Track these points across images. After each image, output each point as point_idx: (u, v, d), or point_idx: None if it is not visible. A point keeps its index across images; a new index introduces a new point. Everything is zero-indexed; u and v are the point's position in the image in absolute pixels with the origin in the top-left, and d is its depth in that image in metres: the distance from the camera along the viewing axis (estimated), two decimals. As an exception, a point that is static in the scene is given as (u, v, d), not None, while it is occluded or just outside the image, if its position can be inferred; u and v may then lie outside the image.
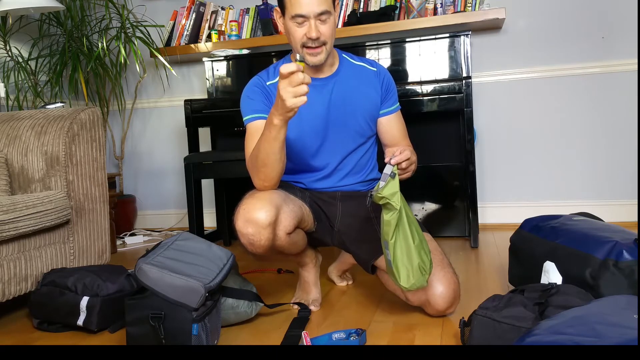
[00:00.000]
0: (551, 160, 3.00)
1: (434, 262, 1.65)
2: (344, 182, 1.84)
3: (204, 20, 3.25)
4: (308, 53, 1.66)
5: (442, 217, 2.88)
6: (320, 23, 1.63)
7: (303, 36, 1.64)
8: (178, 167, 3.49)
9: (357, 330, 1.50)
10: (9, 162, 2.07)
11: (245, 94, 1.76)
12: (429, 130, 2.83)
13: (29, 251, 1.87)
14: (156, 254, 1.49)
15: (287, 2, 1.64)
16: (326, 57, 1.69)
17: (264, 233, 1.54)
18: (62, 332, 1.75)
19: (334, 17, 1.68)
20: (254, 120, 1.71)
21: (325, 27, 1.64)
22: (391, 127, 1.84)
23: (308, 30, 1.62)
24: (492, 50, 3.02)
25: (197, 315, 1.40)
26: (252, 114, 1.72)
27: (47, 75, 3.13)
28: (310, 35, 1.62)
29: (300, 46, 1.66)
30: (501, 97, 3.03)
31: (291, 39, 1.68)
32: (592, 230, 1.57)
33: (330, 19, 1.65)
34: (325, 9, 1.62)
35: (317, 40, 1.64)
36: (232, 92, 3.09)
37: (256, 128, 1.68)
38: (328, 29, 1.65)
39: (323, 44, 1.66)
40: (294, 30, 1.65)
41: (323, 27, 1.64)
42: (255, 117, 1.71)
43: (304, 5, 1.60)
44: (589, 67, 2.91)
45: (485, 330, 1.29)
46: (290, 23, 1.65)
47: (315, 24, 1.62)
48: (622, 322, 0.96)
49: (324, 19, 1.63)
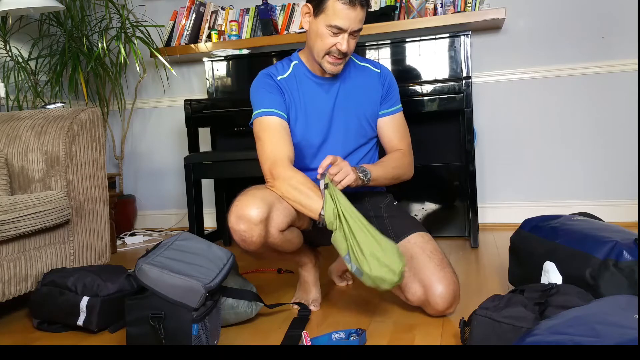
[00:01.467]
0: (551, 160, 3.00)
1: (434, 262, 1.65)
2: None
3: (204, 20, 3.25)
4: (330, 62, 1.69)
5: (442, 217, 2.88)
6: (351, 38, 1.66)
7: (333, 46, 1.66)
8: (178, 167, 3.49)
9: (357, 330, 1.50)
10: (9, 162, 2.07)
11: (259, 85, 1.75)
12: (429, 130, 2.83)
13: (29, 251, 1.87)
14: (156, 254, 1.49)
15: (330, 8, 1.63)
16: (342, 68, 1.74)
17: (256, 230, 1.54)
18: (62, 332, 1.75)
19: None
20: (271, 115, 1.69)
21: (353, 43, 1.69)
22: (388, 129, 1.85)
23: (340, 42, 1.65)
24: (492, 50, 3.02)
25: (197, 315, 1.40)
26: (269, 107, 1.70)
27: (47, 75, 3.13)
28: (341, 48, 1.65)
29: (324, 53, 1.68)
30: (501, 97, 3.03)
31: (318, 42, 1.68)
32: (592, 230, 1.57)
33: (359, 36, 1.70)
34: (361, 26, 1.66)
35: (344, 53, 1.67)
36: (232, 92, 3.09)
37: (275, 124, 1.68)
38: (354, 45, 1.70)
39: (345, 56, 1.69)
40: (325, 37, 1.66)
41: (353, 42, 1.68)
42: (273, 112, 1.69)
43: (347, 20, 1.62)
44: (589, 67, 2.91)
45: (485, 330, 1.29)
46: (324, 28, 1.65)
47: (348, 38, 1.65)
48: (622, 322, 0.96)
49: (356, 35, 1.67)
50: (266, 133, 1.68)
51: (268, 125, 1.68)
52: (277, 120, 1.69)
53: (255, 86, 1.75)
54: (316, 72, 1.78)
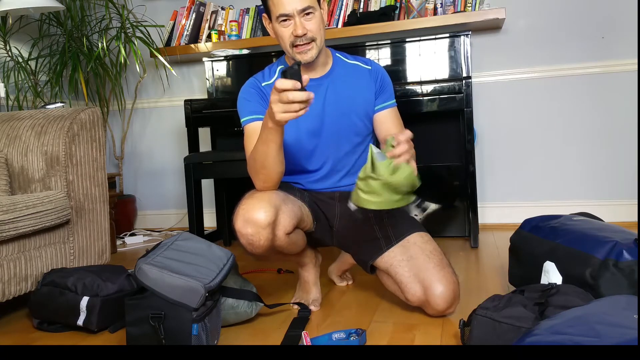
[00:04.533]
0: (551, 160, 3.00)
1: (434, 262, 1.65)
2: (343, 183, 1.84)
3: (204, 20, 3.25)
4: (298, 52, 1.66)
5: (442, 217, 2.87)
6: (305, 20, 1.63)
7: (290, 35, 1.64)
8: (178, 167, 3.49)
9: (357, 330, 1.50)
10: (9, 162, 2.07)
11: (242, 95, 1.77)
12: (429, 130, 2.83)
13: (29, 251, 1.87)
14: (156, 254, 1.49)
15: (271, 4, 1.65)
16: (317, 53, 1.69)
17: (263, 233, 1.54)
18: (62, 332, 1.75)
19: (321, 13, 1.68)
20: (251, 121, 1.71)
21: (311, 23, 1.64)
22: (386, 121, 1.81)
23: (294, 29, 1.63)
24: (492, 50, 3.02)
25: (197, 315, 1.40)
26: (249, 115, 1.72)
27: (47, 75, 3.13)
28: (296, 33, 1.63)
29: (289, 46, 1.67)
30: (501, 97, 3.03)
31: (280, 41, 1.69)
32: (592, 230, 1.57)
33: (316, 15, 1.65)
34: (308, 4, 1.62)
35: (305, 36, 1.64)
36: (232, 92, 3.09)
37: (253, 129, 1.68)
38: (314, 25, 1.65)
39: (312, 40, 1.66)
40: (281, 31, 1.66)
41: (309, 23, 1.64)
42: (252, 118, 1.71)
43: (286, 4, 1.61)
44: (589, 67, 2.91)
45: (485, 330, 1.29)
46: (277, 25, 1.66)
47: (300, 21, 1.62)
48: (622, 322, 0.96)
49: (309, 15, 1.64)
50: (246, 140, 1.71)
51: (248, 133, 1.71)
52: (256, 125, 1.68)
53: (238, 98, 1.77)
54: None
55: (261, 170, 1.60)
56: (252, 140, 1.66)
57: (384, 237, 1.73)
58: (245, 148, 1.71)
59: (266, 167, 1.58)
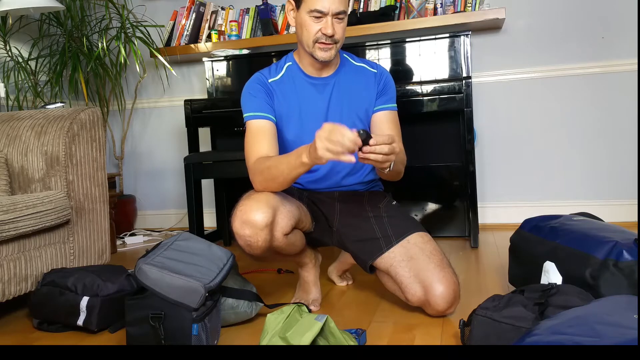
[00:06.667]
0: (551, 160, 3.00)
1: (434, 262, 1.65)
2: (342, 183, 1.83)
3: (204, 20, 3.25)
4: (320, 48, 1.67)
5: (442, 217, 2.87)
6: (337, 22, 1.65)
7: (318, 31, 1.65)
8: (178, 167, 3.49)
9: (357, 330, 1.50)
10: (9, 162, 2.07)
11: (247, 90, 1.76)
12: (429, 130, 2.83)
13: (29, 251, 1.87)
14: (156, 254, 1.49)
15: None
16: (335, 55, 1.71)
17: (261, 234, 1.54)
18: (62, 332, 1.75)
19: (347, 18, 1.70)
20: (255, 118, 1.70)
21: (340, 27, 1.67)
22: (383, 123, 1.80)
23: (324, 27, 1.64)
24: (492, 50, 3.02)
25: (197, 315, 1.40)
26: (254, 111, 1.71)
27: (47, 75, 3.13)
28: (326, 32, 1.64)
29: (312, 41, 1.67)
30: (501, 97, 3.03)
31: (304, 33, 1.68)
32: (592, 230, 1.57)
33: (345, 20, 1.68)
34: (344, 9, 1.65)
35: (332, 37, 1.65)
36: (232, 92, 3.09)
37: (257, 127, 1.68)
38: (342, 29, 1.67)
39: (335, 42, 1.68)
40: (309, 25, 1.65)
41: (339, 26, 1.66)
42: (257, 115, 1.70)
43: (325, 2, 1.61)
44: (589, 67, 2.91)
45: (485, 331, 1.29)
46: (306, 17, 1.65)
47: (332, 21, 1.64)
48: (622, 322, 0.96)
49: (341, 18, 1.66)
50: (249, 136, 1.70)
51: (250, 129, 1.70)
52: (261, 122, 1.69)
53: (243, 92, 1.77)
54: (309, 73, 1.77)
55: (269, 181, 1.59)
56: (255, 138, 1.66)
57: (383, 237, 1.73)
58: (246, 144, 1.69)
59: (277, 182, 1.58)
